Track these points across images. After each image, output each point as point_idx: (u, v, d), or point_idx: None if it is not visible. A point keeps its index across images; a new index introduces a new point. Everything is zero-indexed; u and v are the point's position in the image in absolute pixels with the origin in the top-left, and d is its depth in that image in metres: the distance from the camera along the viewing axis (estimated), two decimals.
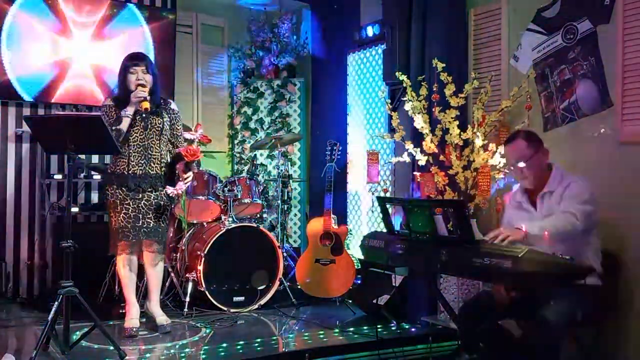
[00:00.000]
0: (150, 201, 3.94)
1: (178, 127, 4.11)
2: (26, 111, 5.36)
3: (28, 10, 5.19)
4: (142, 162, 3.92)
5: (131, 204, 3.90)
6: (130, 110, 3.87)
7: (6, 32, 5.12)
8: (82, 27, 5.42)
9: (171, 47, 5.79)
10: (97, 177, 5.31)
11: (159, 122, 3.97)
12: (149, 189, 3.94)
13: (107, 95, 4.15)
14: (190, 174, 4.01)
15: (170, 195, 3.98)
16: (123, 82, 3.97)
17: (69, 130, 3.45)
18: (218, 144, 6.29)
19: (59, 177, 5.25)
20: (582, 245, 3.02)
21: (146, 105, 3.86)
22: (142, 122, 3.92)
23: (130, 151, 3.91)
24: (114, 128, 3.81)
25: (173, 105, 4.14)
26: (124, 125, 3.85)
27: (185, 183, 4.01)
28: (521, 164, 3.14)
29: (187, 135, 3.98)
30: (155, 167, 3.97)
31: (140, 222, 3.92)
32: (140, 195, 3.92)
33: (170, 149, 4.09)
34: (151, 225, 3.94)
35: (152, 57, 5.39)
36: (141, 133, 3.92)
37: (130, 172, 3.90)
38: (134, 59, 4.00)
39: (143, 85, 3.89)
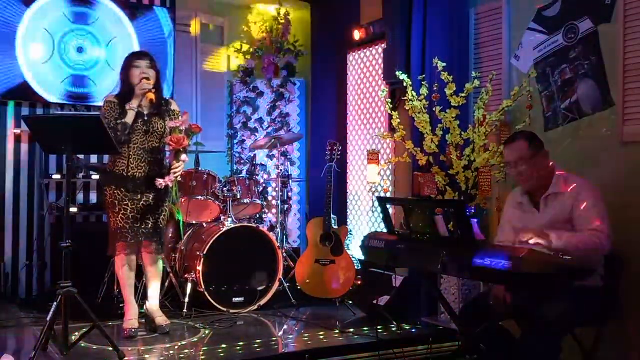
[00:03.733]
0: (149, 202, 3.92)
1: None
2: (25, 111, 5.35)
3: (31, 10, 5.20)
4: (142, 165, 3.90)
5: (130, 204, 3.88)
6: (135, 104, 3.85)
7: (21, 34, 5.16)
8: (83, 27, 5.41)
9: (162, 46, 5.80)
10: (96, 177, 5.30)
11: (162, 126, 3.95)
12: (148, 191, 3.92)
13: (109, 94, 4.11)
14: (180, 164, 3.90)
15: (159, 187, 3.84)
16: (127, 77, 3.94)
17: (68, 130, 3.44)
18: (217, 144, 6.29)
19: (57, 177, 5.24)
20: None
21: (151, 96, 3.86)
22: (144, 126, 3.89)
23: (131, 153, 3.88)
24: (119, 122, 3.79)
25: (174, 106, 4.11)
26: (129, 118, 3.82)
27: (175, 174, 3.89)
28: (520, 166, 3.12)
29: (171, 124, 3.88)
30: (155, 169, 3.95)
31: (139, 222, 3.90)
32: (139, 196, 3.90)
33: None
34: (150, 226, 3.93)
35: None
36: (142, 136, 3.90)
37: (129, 174, 3.87)
38: (138, 54, 4.04)
39: (148, 79, 3.89)
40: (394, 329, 4.17)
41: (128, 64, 3.96)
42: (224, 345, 3.77)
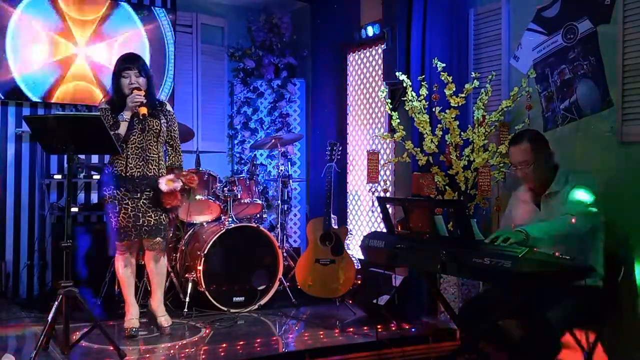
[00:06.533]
0: (149, 199, 3.93)
1: (175, 129, 4.10)
2: (26, 111, 5.36)
3: (30, 11, 5.22)
4: (140, 164, 3.91)
5: (130, 203, 3.88)
6: (127, 114, 3.85)
7: (10, 33, 5.16)
8: (82, 27, 5.43)
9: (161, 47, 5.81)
10: (97, 177, 5.31)
11: (157, 124, 3.96)
12: (147, 189, 3.93)
13: (102, 98, 4.11)
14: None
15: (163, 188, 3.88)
16: (116, 85, 3.93)
17: (69, 131, 3.45)
18: (218, 144, 6.31)
19: (58, 177, 5.25)
20: (586, 248, 3.01)
21: (144, 110, 3.83)
22: (140, 125, 3.90)
23: (128, 153, 3.89)
24: (111, 133, 3.79)
25: (168, 107, 4.13)
26: (122, 129, 3.83)
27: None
28: (525, 168, 3.12)
29: (164, 187, 3.91)
30: (153, 168, 3.96)
31: (141, 220, 3.90)
32: (139, 194, 3.91)
33: (168, 151, 4.09)
34: (152, 223, 3.93)
35: (147, 57, 5.44)
36: (139, 135, 3.91)
37: (128, 174, 3.88)
38: (126, 62, 3.96)
39: (138, 89, 3.86)
40: (393, 329, 4.18)
41: (117, 73, 3.93)
42: (224, 345, 3.78)
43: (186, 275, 4.68)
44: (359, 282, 4.92)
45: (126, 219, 3.87)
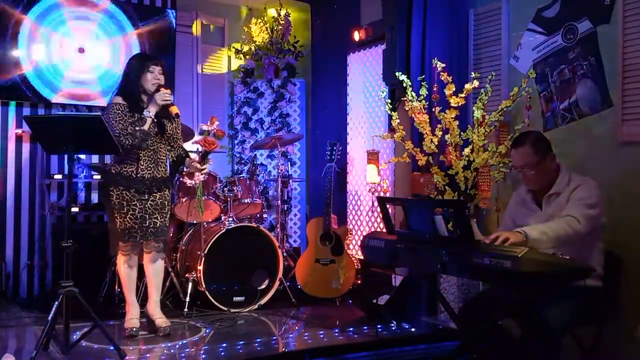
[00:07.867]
0: (155, 201, 3.93)
1: (178, 131, 4.10)
2: (26, 111, 5.36)
3: (34, 13, 5.24)
4: (152, 166, 3.91)
5: (137, 204, 3.87)
6: (153, 111, 3.83)
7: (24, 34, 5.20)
8: (82, 27, 5.43)
9: (170, 47, 5.80)
10: (97, 177, 5.31)
11: (170, 127, 3.97)
12: (155, 190, 3.93)
13: (114, 94, 4.00)
14: (206, 165, 4.07)
15: (189, 185, 4.17)
16: (138, 79, 3.87)
17: (69, 131, 3.45)
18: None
19: (59, 177, 5.25)
20: (586, 248, 3.01)
21: (176, 110, 3.88)
22: (156, 128, 3.89)
23: (141, 155, 3.87)
24: (137, 129, 3.76)
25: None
26: (147, 125, 3.80)
27: (204, 174, 4.12)
28: (527, 171, 3.12)
29: (204, 127, 4.11)
30: (162, 170, 3.97)
31: (147, 222, 3.90)
32: (147, 196, 3.90)
33: (170, 151, 4.09)
34: (157, 225, 3.93)
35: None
36: (152, 137, 3.90)
37: (138, 175, 3.86)
38: (152, 59, 3.96)
39: (165, 87, 3.86)
40: (393, 328, 4.18)
41: (141, 67, 3.88)
42: (224, 344, 3.78)
43: (186, 275, 4.68)
44: (359, 281, 4.93)
45: (132, 220, 3.86)
